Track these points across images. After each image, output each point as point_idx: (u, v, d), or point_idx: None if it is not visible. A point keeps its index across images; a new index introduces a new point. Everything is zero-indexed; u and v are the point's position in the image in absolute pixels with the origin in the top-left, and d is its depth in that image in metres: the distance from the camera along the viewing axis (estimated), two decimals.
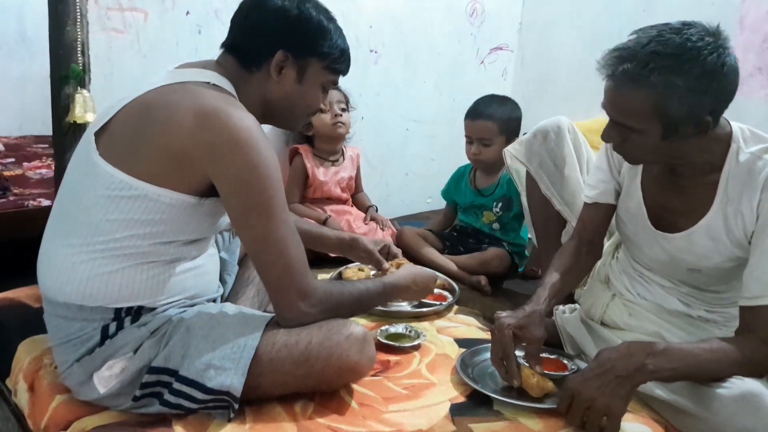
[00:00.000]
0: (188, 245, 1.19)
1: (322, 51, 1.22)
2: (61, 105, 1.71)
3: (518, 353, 1.31)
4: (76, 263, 1.11)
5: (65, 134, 1.70)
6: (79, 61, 1.69)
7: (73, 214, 1.14)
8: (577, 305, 1.65)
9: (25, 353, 1.34)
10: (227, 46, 1.24)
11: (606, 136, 1.29)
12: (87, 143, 1.15)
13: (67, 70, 1.67)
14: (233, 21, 1.25)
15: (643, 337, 1.41)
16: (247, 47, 1.21)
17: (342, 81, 2.28)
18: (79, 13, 1.69)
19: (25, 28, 3.30)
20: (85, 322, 1.13)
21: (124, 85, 1.14)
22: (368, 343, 1.21)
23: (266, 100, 1.24)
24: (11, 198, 2.28)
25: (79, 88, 1.67)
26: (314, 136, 2.33)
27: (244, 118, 1.09)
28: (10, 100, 3.41)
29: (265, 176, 1.09)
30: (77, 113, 1.65)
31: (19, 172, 2.71)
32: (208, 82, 1.16)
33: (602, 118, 1.32)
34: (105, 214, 1.10)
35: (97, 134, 1.15)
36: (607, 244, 1.67)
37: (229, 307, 1.22)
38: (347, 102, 2.33)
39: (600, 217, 1.52)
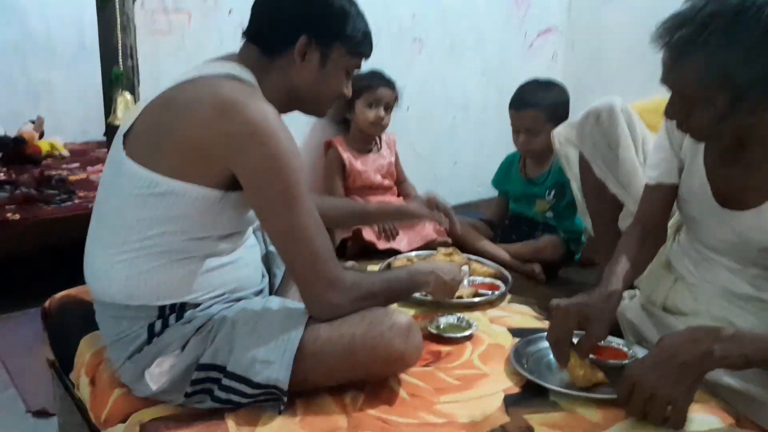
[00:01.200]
0: (222, 240, 1.18)
1: (345, 34, 1.21)
2: (111, 108, 1.75)
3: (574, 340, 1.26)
4: (115, 263, 1.13)
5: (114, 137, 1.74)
6: (128, 65, 1.74)
7: (109, 216, 1.16)
8: (636, 291, 1.58)
9: (86, 348, 1.38)
10: (249, 35, 1.24)
11: (669, 112, 1.22)
12: (116, 144, 1.16)
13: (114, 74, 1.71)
14: (254, 10, 1.24)
15: (710, 322, 1.33)
16: (270, 34, 1.20)
17: (387, 70, 2.32)
18: (126, 18, 1.73)
19: (85, 38, 3.43)
20: (132, 320, 1.15)
21: (171, 83, 1.15)
22: (413, 332, 1.18)
23: (291, 87, 1.22)
24: (76, 201, 2.37)
25: (122, 90, 1.71)
26: (351, 123, 2.31)
27: (262, 109, 1.09)
28: (74, 108, 3.56)
29: (285, 165, 1.08)
30: (119, 115, 1.69)
31: (83, 176, 2.82)
32: (228, 74, 1.15)
33: (660, 98, 1.25)
34: (136, 213, 1.11)
35: (126, 134, 1.16)
36: (668, 225, 1.59)
37: (274, 301, 1.22)
38: (396, 100, 2.30)
39: (664, 198, 1.44)
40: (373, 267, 1.95)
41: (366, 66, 2.36)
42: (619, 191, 1.64)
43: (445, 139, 2.79)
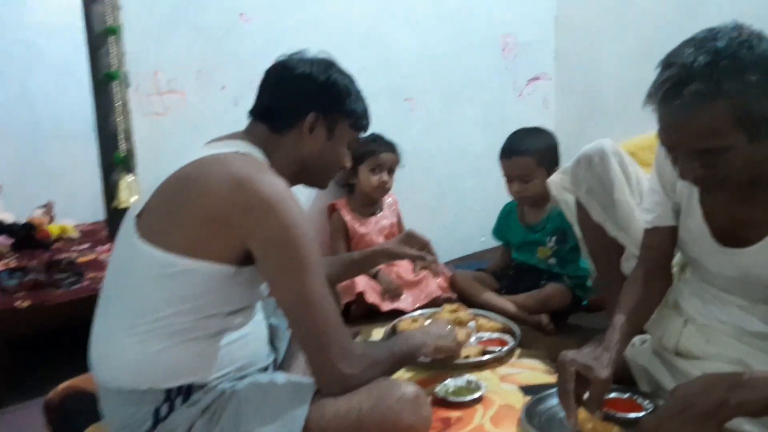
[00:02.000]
0: (232, 315, 1.19)
1: (349, 110, 1.31)
2: (110, 191, 1.78)
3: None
4: (124, 346, 1.13)
5: (116, 219, 1.76)
6: (125, 148, 1.77)
7: (118, 298, 1.17)
8: (646, 335, 1.54)
9: None
10: (257, 114, 1.31)
11: (686, 171, 1.16)
12: (128, 226, 1.19)
13: (112, 157, 1.74)
14: (262, 89, 1.32)
15: (725, 365, 1.29)
16: (280, 112, 1.28)
17: (383, 128, 2.36)
18: (121, 102, 1.79)
19: (90, 121, 3.51)
20: (138, 406, 1.14)
21: (169, 165, 1.19)
22: (422, 403, 1.16)
23: (299, 159, 1.30)
24: (85, 283, 2.38)
25: (124, 173, 1.74)
26: (355, 186, 2.35)
27: (274, 182, 1.13)
28: (83, 189, 3.58)
29: (298, 235, 1.12)
30: (122, 198, 1.72)
31: (92, 256, 2.83)
32: (237, 152, 1.20)
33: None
34: (147, 294, 1.12)
35: (138, 216, 1.18)
36: (672, 265, 1.56)
37: (279, 377, 1.21)
38: (398, 162, 2.35)
39: (664, 241, 1.42)
40: (379, 330, 1.93)
41: None
42: (618, 234, 1.62)
43: (446, 191, 2.80)
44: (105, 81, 1.78)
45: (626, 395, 1.34)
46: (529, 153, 2.07)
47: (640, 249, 1.48)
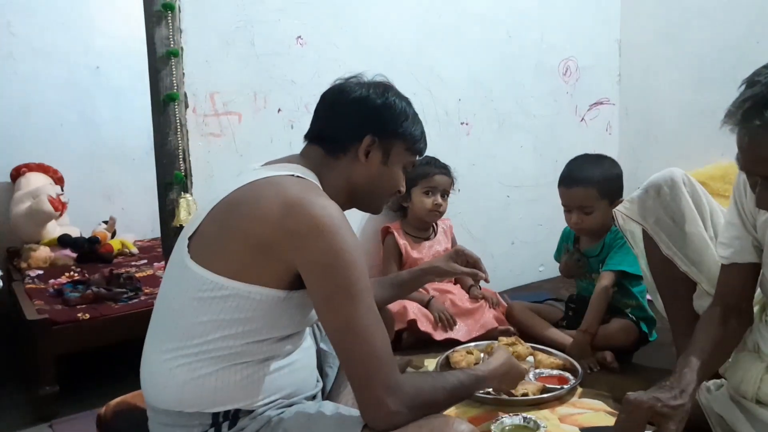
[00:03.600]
0: (281, 341, 1.17)
1: (406, 132, 1.28)
2: (167, 210, 1.80)
3: None
4: (172, 368, 1.12)
5: (172, 238, 1.78)
6: (181, 168, 1.80)
7: (168, 319, 1.16)
8: (723, 380, 1.43)
9: None
10: (312, 137, 1.30)
11: (764, 201, 1.11)
12: (180, 248, 1.18)
13: (170, 177, 1.77)
14: (318, 113, 1.31)
15: None
16: (335, 135, 1.26)
17: (436, 154, 2.33)
18: (179, 123, 1.81)
19: (150, 142, 3.64)
20: (185, 428, 1.13)
21: (224, 185, 1.19)
22: None
23: (353, 183, 1.27)
24: (143, 297, 2.43)
25: (182, 192, 1.76)
26: (408, 210, 2.32)
27: (326, 206, 1.10)
28: (143, 207, 3.72)
29: (349, 261, 1.08)
30: (182, 217, 1.74)
31: (150, 272, 2.90)
32: (292, 175, 1.18)
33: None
34: (197, 317, 1.11)
35: (190, 238, 1.18)
36: (753, 304, 1.44)
37: (327, 407, 1.17)
38: (452, 185, 2.32)
39: (742, 278, 1.33)
40: (431, 360, 1.87)
41: None
42: (689, 269, 1.52)
43: (500, 219, 2.73)
44: (165, 102, 1.81)
45: None
46: (591, 183, 1.96)
47: (716, 286, 1.39)
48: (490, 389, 1.65)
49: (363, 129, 1.25)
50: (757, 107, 1.02)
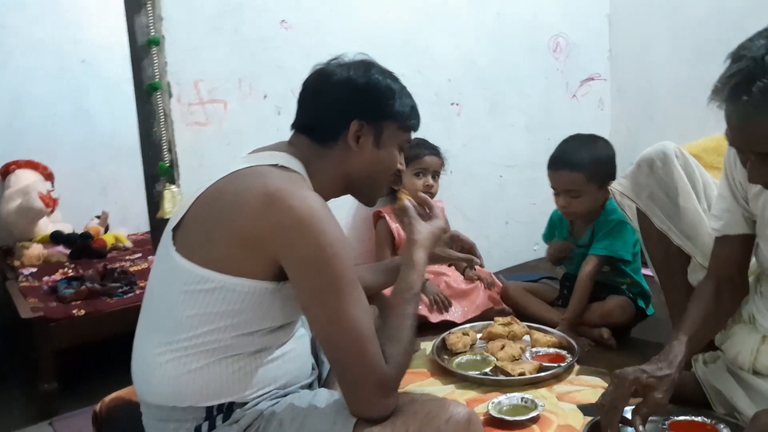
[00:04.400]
0: (273, 333, 1.15)
1: (395, 111, 1.22)
2: (154, 202, 1.78)
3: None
4: (162, 363, 1.10)
5: (160, 230, 1.75)
6: (167, 158, 1.77)
7: (156, 314, 1.15)
8: (719, 352, 1.42)
9: None
10: (298, 126, 1.25)
11: (755, 176, 1.09)
12: (166, 240, 1.16)
13: (157, 168, 1.74)
14: (301, 101, 1.25)
15: None
16: (321, 124, 1.21)
17: (427, 136, 2.30)
18: (163, 113, 1.79)
19: None
20: (178, 422, 1.12)
21: (211, 175, 1.16)
22: (473, 425, 1.08)
23: (347, 172, 1.22)
24: (137, 292, 2.41)
25: (167, 184, 1.74)
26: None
27: (307, 197, 1.07)
28: (136, 200, 3.66)
29: (332, 255, 1.05)
30: (167, 209, 1.71)
31: (144, 265, 2.88)
32: (276, 164, 1.15)
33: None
34: (185, 311, 1.09)
35: (175, 229, 1.15)
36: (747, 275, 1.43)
37: (322, 395, 1.16)
38: (443, 166, 2.30)
39: (734, 250, 1.33)
40: (427, 343, 1.86)
41: None
42: (684, 243, 1.51)
43: (494, 200, 2.72)
44: (148, 92, 1.78)
45: (699, 418, 1.23)
46: (578, 167, 1.90)
47: (710, 258, 1.38)
48: (487, 370, 1.65)
49: (349, 114, 1.19)
50: (744, 83, 0.99)
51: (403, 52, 2.36)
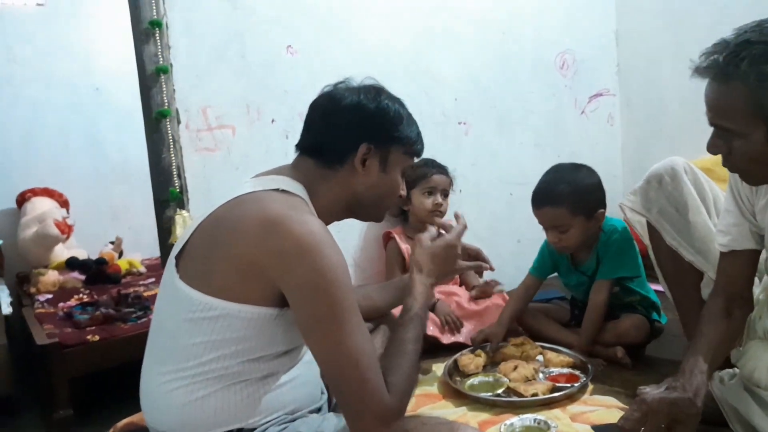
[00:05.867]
0: (279, 358, 1.14)
1: (402, 137, 1.24)
2: (164, 228, 1.79)
3: None
4: (169, 391, 1.10)
5: (168, 255, 1.77)
6: (177, 184, 1.79)
7: (163, 342, 1.15)
8: (735, 370, 1.39)
9: None
10: (303, 148, 1.25)
11: (710, 145, 1.16)
12: (169, 268, 1.16)
13: (166, 194, 1.76)
14: (308, 123, 1.26)
15: None
16: (330, 146, 1.21)
17: (436, 155, 2.31)
18: (172, 140, 1.81)
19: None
20: None
21: (221, 199, 1.16)
22: None
23: (351, 194, 1.22)
24: (151, 317, 2.42)
25: (178, 209, 1.75)
26: (409, 213, 2.30)
27: (307, 223, 1.06)
28: (149, 224, 3.69)
29: (331, 281, 1.04)
30: (177, 234, 1.73)
31: (157, 290, 2.88)
32: (278, 189, 1.15)
33: None
34: (190, 338, 1.08)
35: (178, 257, 1.15)
36: (758, 291, 1.41)
37: (330, 422, 1.15)
38: (451, 185, 2.30)
39: (742, 265, 1.31)
40: (439, 365, 1.84)
41: None
42: (695, 259, 1.49)
43: (504, 218, 2.70)
44: (157, 119, 1.81)
45: None
46: (559, 202, 1.82)
47: (716, 275, 1.38)
48: (500, 391, 1.63)
49: (358, 138, 1.20)
50: (709, 57, 1.10)
51: (409, 73, 2.38)
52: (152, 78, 1.79)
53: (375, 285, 1.64)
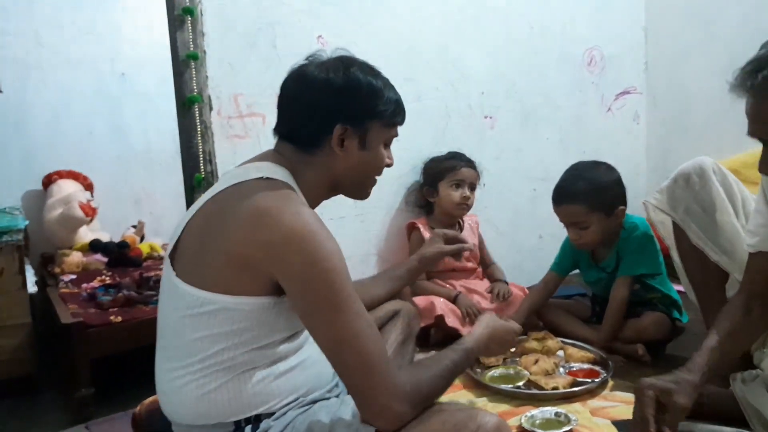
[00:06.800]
0: (285, 343, 1.13)
1: (379, 111, 1.16)
2: None
3: None
4: (181, 387, 1.10)
5: None
6: (208, 170, 1.81)
7: (168, 338, 1.14)
8: (758, 371, 1.40)
9: None
10: (280, 133, 1.20)
11: (763, 165, 1.13)
12: (166, 265, 1.14)
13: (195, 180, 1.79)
14: (280, 107, 1.20)
15: None
16: (303, 131, 1.16)
17: (461, 148, 2.31)
18: (203, 126, 1.83)
19: (178, 145, 3.68)
20: None
21: None
22: None
23: (334, 175, 1.18)
24: None
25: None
26: (435, 205, 2.30)
27: (298, 213, 1.04)
28: (171, 210, 3.75)
29: (327, 270, 1.03)
30: None
31: None
32: (262, 177, 1.11)
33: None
34: (193, 334, 1.07)
35: (172, 255, 1.14)
36: None
37: (348, 405, 1.14)
38: (478, 179, 2.30)
39: None
40: None
41: (439, 148, 2.39)
42: (721, 259, 1.49)
43: (526, 213, 2.71)
44: (188, 105, 1.83)
45: None
46: (578, 199, 1.87)
47: (743, 273, 1.37)
48: (520, 384, 1.64)
49: (331, 119, 1.13)
50: (754, 71, 1.05)
51: (436, 66, 2.39)
52: (184, 64, 1.81)
53: (369, 278, 1.62)
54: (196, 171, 1.82)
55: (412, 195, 2.38)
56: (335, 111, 1.14)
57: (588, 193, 1.86)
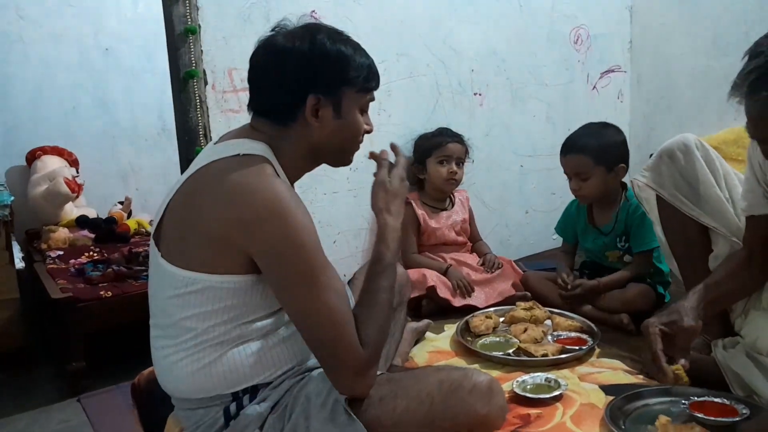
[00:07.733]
0: (275, 315, 1.14)
1: (350, 77, 1.14)
2: None
3: None
4: (176, 362, 1.11)
5: None
6: (203, 144, 1.82)
7: (159, 317, 1.15)
8: (738, 338, 1.46)
9: (173, 425, 1.39)
10: (254, 108, 1.19)
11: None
12: (152, 247, 1.15)
13: (192, 153, 1.79)
14: (251, 82, 1.18)
15: None
16: (276, 104, 1.14)
17: (450, 125, 2.34)
18: (198, 100, 1.84)
19: (165, 121, 3.65)
20: (207, 408, 1.14)
21: None
22: (495, 393, 1.14)
23: (313, 146, 1.17)
24: None
25: None
26: (425, 181, 2.34)
27: (269, 188, 1.04)
28: (158, 186, 3.74)
29: (298, 244, 1.04)
30: None
31: None
32: (238, 153, 1.10)
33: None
34: (181, 313, 1.09)
35: (156, 236, 1.15)
36: None
37: None
38: (467, 153, 2.33)
39: (761, 227, 1.37)
40: (450, 326, 1.91)
41: (428, 124, 2.41)
42: (718, 226, 1.54)
43: (514, 189, 2.75)
44: (185, 79, 1.82)
45: (719, 399, 1.27)
46: (585, 151, 1.99)
47: (744, 233, 1.44)
48: (510, 351, 1.69)
49: (302, 90, 1.11)
50: (763, 78, 1.05)
51: (427, 43, 2.39)
52: (181, 38, 1.80)
53: (360, 269, 1.62)
54: (193, 145, 1.82)
55: (406, 170, 2.40)
56: (305, 81, 1.11)
57: (594, 146, 1.99)
